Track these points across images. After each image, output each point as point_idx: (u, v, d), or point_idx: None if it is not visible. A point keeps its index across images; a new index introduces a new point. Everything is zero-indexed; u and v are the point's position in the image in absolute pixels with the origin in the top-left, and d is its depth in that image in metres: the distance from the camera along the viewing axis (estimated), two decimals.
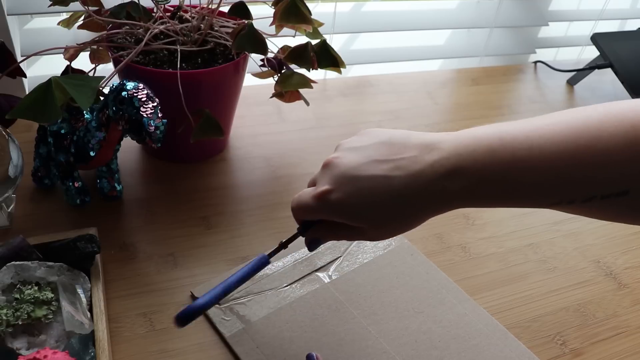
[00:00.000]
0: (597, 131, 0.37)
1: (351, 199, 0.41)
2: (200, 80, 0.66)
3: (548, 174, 0.37)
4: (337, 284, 0.60)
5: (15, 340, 0.48)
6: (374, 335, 0.56)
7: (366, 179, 0.41)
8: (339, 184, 0.42)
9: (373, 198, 0.41)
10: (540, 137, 0.38)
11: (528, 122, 0.39)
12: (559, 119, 0.39)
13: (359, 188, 0.41)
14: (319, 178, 0.44)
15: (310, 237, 0.48)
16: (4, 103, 0.60)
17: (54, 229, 0.60)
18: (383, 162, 0.41)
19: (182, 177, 0.73)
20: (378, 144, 0.42)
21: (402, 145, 0.41)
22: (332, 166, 0.43)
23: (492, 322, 0.58)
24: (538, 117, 0.40)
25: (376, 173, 0.41)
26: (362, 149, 0.43)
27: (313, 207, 0.44)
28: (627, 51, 1.03)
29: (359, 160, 0.42)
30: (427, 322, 0.57)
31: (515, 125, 0.39)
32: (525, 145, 0.38)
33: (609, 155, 0.36)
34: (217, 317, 0.56)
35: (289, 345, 0.54)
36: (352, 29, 1.01)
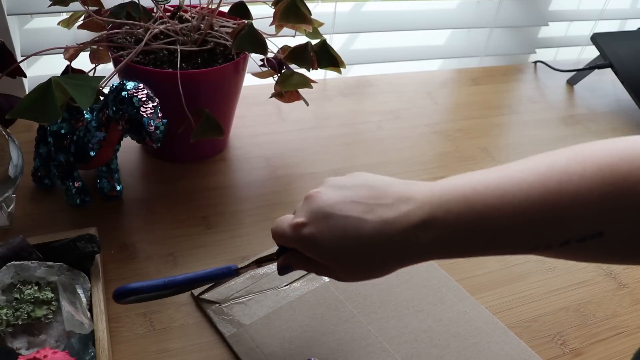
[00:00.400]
0: (566, 174, 0.37)
1: (322, 235, 0.41)
2: (200, 80, 0.66)
3: (521, 221, 0.37)
4: (336, 282, 0.60)
5: (15, 340, 0.48)
6: (374, 334, 0.56)
7: (339, 218, 0.41)
8: (313, 219, 0.42)
9: (342, 238, 0.40)
10: (511, 184, 0.38)
11: (500, 170, 0.39)
12: (528, 165, 0.39)
13: (330, 226, 0.41)
14: (299, 209, 0.44)
15: (282, 262, 0.48)
16: (4, 103, 0.60)
17: (54, 229, 0.60)
18: (359, 204, 0.41)
19: (182, 177, 0.73)
20: (360, 186, 0.42)
21: (382, 191, 0.41)
22: (311, 200, 0.43)
23: (492, 320, 0.58)
24: (509, 164, 0.40)
25: (350, 214, 0.40)
26: (344, 189, 0.43)
27: (287, 236, 0.44)
28: (627, 51, 1.03)
29: (336, 199, 0.42)
30: (427, 320, 0.57)
31: (488, 174, 0.39)
32: (498, 193, 0.38)
33: (579, 198, 0.36)
34: (216, 316, 0.56)
35: (289, 345, 0.54)
36: (352, 29, 1.01)
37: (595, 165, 0.37)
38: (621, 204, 0.36)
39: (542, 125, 0.96)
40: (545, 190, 0.37)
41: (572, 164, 0.37)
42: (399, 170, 0.79)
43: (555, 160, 0.38)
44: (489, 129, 0.92)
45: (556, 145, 0.90)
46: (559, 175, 0.37)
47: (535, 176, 0.37)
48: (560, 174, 0.37)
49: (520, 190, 0.37)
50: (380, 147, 0.84)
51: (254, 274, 0.60)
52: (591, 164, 0.37)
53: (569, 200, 0.36)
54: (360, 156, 0.82)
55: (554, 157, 0.39)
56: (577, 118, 0.99)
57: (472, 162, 0.83)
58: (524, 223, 0.37)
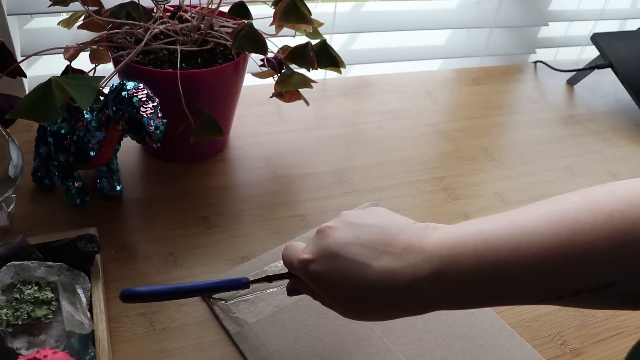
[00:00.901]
0: (579, 224, 0.36)
1: (327, 275, 0.41)
2: (200, 80, 0.66)
3: (533, 273, 0.36)
4: None
5: (15, 340, 0.48)
6: (378, 334, 0.56)
7: (346, 260, 0.40)
8: (320, 257, 0.42)
9: (347, 282, 0.40)
10: (524, 236, 0.37)
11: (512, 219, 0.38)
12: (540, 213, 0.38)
13: (336, 267, 0.40)
14: (310, 242, 0.44)
15: (290, 286, 0.48)
16: (4, 103, 0.60)
17: (54, 229, 0.60)
18: (367, 248, 0.40)
19: (182, 177, 0.73)
20: (372, 226, 0.42)
21: (393, 237, 0.40)
22: (322, 236, 0.43)
23: (498, 322, 0.58)
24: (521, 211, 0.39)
25: (356, 258, 0.40)
26: (356, 227, 0.42)
27: (295, 268, 0.44)
28: (627, 51, 1.03)
29: (347, 240, 0.41)
30: (432, 320, 0.57)
31: (500, 223, 0.38)
32: (511, 245, 0.37)
33: (592, 249, 0.35)
34: (223, 313, 0.56)
35: (293, 344, 0.54)
36: (352, 29, 1.01)
37: (606, 212, 0.36)
38: (633, 251, 0.35)
39: (542, 125, 0.96)
40: (558, 242, 0.36)
41: (583, 212, 0.36)
42: (399, 170, 0.80)
43: (567, 208, 0.37)
44: (489, 129, 0.92)
45: (556, 145, 0.90)
46: (572, 225, 0.36)
47: (548, 226, 0.36)
48: (573, 224, 0.36)
49: (534, 242, 0.36)
50: (380, 147, 0.84)
51: (260, 272, 0.60)
52: (602, 211, 0.36)
53: (582, 250, 0.35)
54: (360, 156, 0.82)
55: (565, 204, 0.38)
56: (577, 118, 0.99)
57: (472, 162, 0.83)
58: (536, 275, 0.36)
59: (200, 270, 0.61)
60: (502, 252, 0.37)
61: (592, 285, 0.36)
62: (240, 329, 0.55)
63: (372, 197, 0.74)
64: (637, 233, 0.35)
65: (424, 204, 0.74)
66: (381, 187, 0.76)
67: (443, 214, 0.73)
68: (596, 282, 0.36)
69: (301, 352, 0.53)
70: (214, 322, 0.56)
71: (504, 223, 0.38)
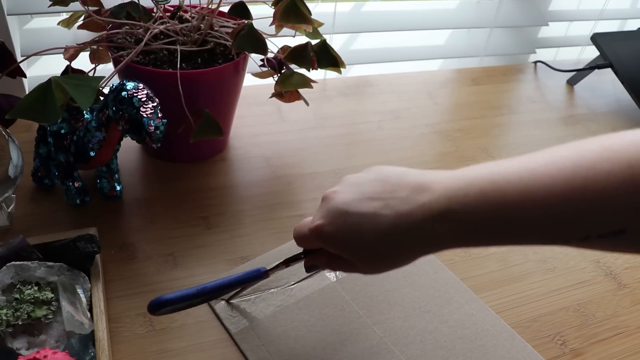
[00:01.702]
0: (593, 170, 0.36)
1: (341, 233, 0.42)
2: (200, 80, 0.66)
3: (540, 217, 0.37)
4: (343, 283, 0.60)
5: (15, 340, 0.48)
6: (379, 334, 0.56)
7: (356, 215, 0.41)
8: (331, 218, 0.43)
9: (361, 235, 0.41)
10: (534, 180, 0.37)
11: (521, 162, 0.39)
12: (554, 158, 0.38)
13: (349, 224, 0.42)
14: (317, 211, 0.45)
15: (308, 263, 0.49)
16: (4, 103, 0.60)
17: (54, 229, 0.60)
18: (374, 200, 0.41)
19: (182, 177, 0.73)
20: (374, 180, 0.43)
21: (396, 184, 0.41)
22: (328, 200, 0.44)
23: (499, 323, 0.58)
24: (532, 156, 0.39)
25: (366, 211, 0.41)
26: (359, 185, 0.43)
27: (309, 238, 0.45)
28: (627, 51, 1.03)
29: (352, 197, 0.42)
30: (434, 321, 0.57)
31: (509, 165, 0.39)
32: (519, 188, 0.37)
33: (604, 196, 0.35)
34: (223, 312, 0.56)
35: (294, 344, 0.54)
36: (352, 29, 1.01)
37: (625, 162, 0.35)
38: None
39: (542, 125, 0.96)
40: (568, 187, 0.36)
41: (600, 160, 0.36)
42: None
43: (583, 154, 0.37)
44: (489, 129, 0.92)
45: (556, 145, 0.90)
46: (585, 172, 0.36)
47: (560, 172, 0.36)
48: (587, 171, 0.36)
49: (543, 186, 0.36)
50: (380, 147, 0.84)
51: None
52: (620, 160, 0.35)
53: (593, 197, 0.35)
54: (360, 156, 0.82)
55: (582, 150, 0.37)
56: (577, 118, 0.99)
57: (472, 162, 0.83)
58: (543, 219, 0.37)
59: (200, 270, 0.61)
60: (510, 195, 0.37)
61: (602, 231, 0.36)
62: (241, 329, 0.55)
63: None
64: None
65: None
66: None
67: None
68: (606, 228, 0.36)
69: (302, 352, 0.53)
70: (214, 322, 0.56)
71: (514, 166, 0.38)
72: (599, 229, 0.36)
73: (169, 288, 0.59)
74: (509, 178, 0.37)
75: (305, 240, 0.46)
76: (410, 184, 0.41)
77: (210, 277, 0.60)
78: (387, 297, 0.59)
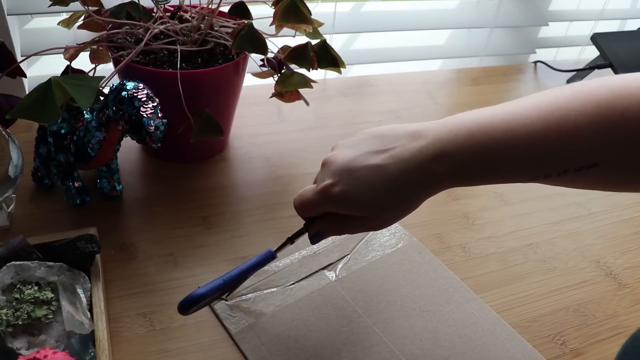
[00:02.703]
0: (566, 110, 0.40)
1: (351, 188, 0.44)
2: (200, 80, 0.66)
3: (522, 153, 0.41)
4: (343, 282, 0.61)
5: (15, 340, 0.48)
6: (379, 334, 0.56)
7: (363, 169, 0.44)
8: (338, 177, 0.45)
9: (370, 185, 0.43)
10: (514, 120, 0.41)
11: (504, 107, 0.43)
12: (531, 102, 0.42)
13: (356, 178, 0.44)
14: (319, 176, 0.47)
15: (313, 230, 0.50)
16: (4, 103, 0.60)
17: (54, 229, 0.60)
18: (376, 153, 0.44)
19: (182, 177, 0.73)
20: (370, 138, 0.46)
21: (392, 136, 0.45)
22: (329, 163, 0.46)
23: (499, 322, 0.58)
24: (513, 101, 0.43)
25: (371, 163, 0.44)
26: (356, 145, 0.46)
27: (316, 202, 0.46)
28: (627, 51, 1.03)
29: (354, 154, 0.45)
30: (433, 321, 0.57)
31: (492, 110, 0.43)
32: (501, 128, 0.41)
33: (577, 133, 0.40)
34: (223, 312, 0.56)
35: (294, 343, 0.54)
36: (352, 29, 1.01)
37: (595, 102, 0.40)
38: (616, 137, 0.39)
39: None
40: (545, 126, 0.40)
41: (572, 102, 0.40)
42: None
43: (557, 97, 0.42)
44: None
45: None
46: (559, 112, 0.40)
47: (537, 113, 0.41)
48: (561, 111, 0.40)
49: (523, 125, 0.41)
50: None
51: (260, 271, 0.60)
52: (590, 101, 0.40)
53: (568, 134, 0.40)
54: None
55: (556, 94, 0.42)
56: None
57: None
58: (525, 155, 0.41)
59: (200, 270, 0.61)
60: (495, 134, 0.41)
61: (578, 165, 0.41)
62: (241, 329, 0.55)
63: None
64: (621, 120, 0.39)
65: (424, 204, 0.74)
66: None
67: (443, 214, 0.73)
68: (581, 162, 0.41)
69: (302, 351, 0.54)
70: (214, 322, 0.56)
71: (497, 110, 0.43)
72: (575, 163, 0.41)
73: (169, 288, 0.59)
74: (493, 121, 0.42)
75: (311, 205, 0.47)
76: (405, 134, 0.44)
77: (211, 277, 0.60)
78: (387, 297, 0.59)
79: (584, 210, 0.77)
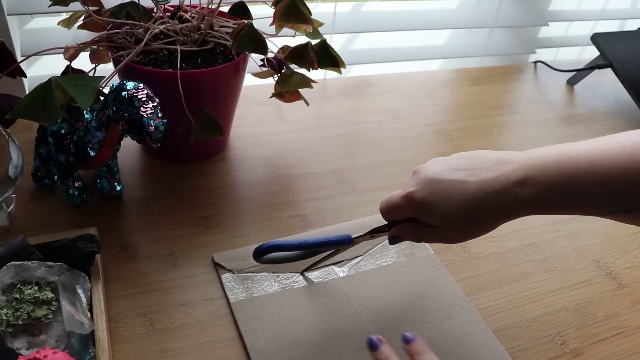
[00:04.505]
0: None
1: (432, 197, 0.47)
2: (200, 80, 0.66)
3: (606, 185, 0.43)
4: (349, 279, 0.61)
5: (15, 340, 0.48)
6: (370, 333, 0.55)
7: (445, 182, 0.47)
8: (422, 185, 0.48)
9: (450, 198, 0.46)
10: (600, 154, 0.44)
11: (589, 142, 0.46)
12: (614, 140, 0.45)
13: (438, 189, 0.47)
14: (408, 183, 0.51)
15: (394, 233, 0.53)
16: (4, 103, 0.60)
17: (54, 229, 0.60)
18: (461, 171, 0.47)
19: (182, 177, 0.73)
20: (459, 157, 0.49)
21: (480, 159, 0.48)
22: (418, 172, 0.50)
23: (498, 349, 0.56)
24: (598, 139, 0.46)
25: (454, 178, 0.47)
26: (446, 161, 0.49)
27: (400, 206, 0.50)
28: (627, 51, 1.03)
29: (441, 168, 0.48)
30: (429, 332, 0.57)
31: (579, 144, 0.46)
32: (588, 160, 0.44)
33: None
34: (228, 282, 0.59)
35: (286, 323, 0.56)
36: (352, 29, 1.01)
37: None
38: None
39: (542, 125, 0.96)
40: (631, 161, 0.43)
41: None
42: (399, 171, 0.79)
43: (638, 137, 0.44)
44: (489, 129, 0.92)
45: None
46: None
47: (621, 149, 0.44)
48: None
49: (608, 159, 0.44)
50: (380, 147, 0.84)
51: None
52: None
53: None
54: (360, 156, 0.82)
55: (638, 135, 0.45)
56: (577, 118, 0.99)
57: None
58: (608, 187, 0.43)
59: (200, 270, 0.61)
60: (581, 165, 0.44)
61: None
62: (240, 300, 0.57)
63: (372, 197, 0.74)
64: None
65: None
66: (381, 187, 0.76)
67: None
68: None
69: (292, 332, 0.55)
70: (214, 322, 0.56)
71: (582, 144, 0.46)
72: None
73: (169, 288, 0.59)
74: (579, 152, 0.45)
75: (395, 209, 0.51)
76: (493, 159, 0.47)
77: (211, 276, 0.60)
78: (389, 301, 0.59)
79: None
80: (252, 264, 0.60)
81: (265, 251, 0.55)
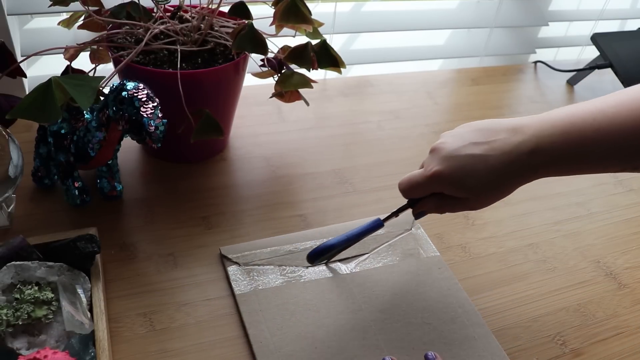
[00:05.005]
0: None
1: (457, 173, 0.51)
2: (200, 80, 0.66)
3: (612, 149, 0.47)
4: (355, 276, 0.61)
5: (15, 340, 0.48)
6: (373, 330, 0.56)
7: (468, 157, 0.51)
8: (447, 163, 0.51)
9: (474, 172, 0.50)
10: (606, 120, 0.47)
11: (596, 104, 0.49)
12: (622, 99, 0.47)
13: (462, 165, 0.51)
14: (428, 161, 0.54)
15: (419, 209, 0.57)
16: (4, 103, 0.60)
17: (54, 229, 0.60)
18: (480, 145, 0.51)
19: (182, 177, 0.73)
20: (474, 130, 0.52)
21: (493, 130, 0.51)
22: (438, 150, 0.53)
23: (500, 354, 0.56)
24: (606, 99, 0.49)
25: (475, 153, 0.51)
26: (461, 135, 0.52)
27: (424, 184, 0.53)
28: (627, 51, 1.03)
29: (460, 144, 0.52)
30: (431, 334, 0.57)
31: (585, 107, 0.49)
32: (594, 126, 0.47)
33: None
34: (234, 275, 0.59)
35: (290, 316, 0.56)
36: (352, 29, 1.01)
37: None
38: None
39: None
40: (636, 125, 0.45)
41: None
42: (399, 171, 0.79)
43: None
44: None
45: None
46: None
47: (628, 112, 0.46)
48: None
49: (614, 124, 0.46)
50: (380, 147, 0.84)
51: (277, 249, 0.63)
52: None
53: None
54: (360, 156, 0.82)
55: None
56: None
57: None
58: (615, 150, 0.47)
59: (200, 270, 0.61)
60: (587, 133, 0.47)
61: None
62: (245, 292, 0.58)
63: (372, 197, 0.74)
64: None
65: None
66: (381, 187, 0.76)
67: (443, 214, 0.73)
68: None
69: (295, 325, 0.55)
70: (214, 322, 0.56)
71: (589, 107, 0.49)
72: None
73: (169, 288, 0.59)
74: (585, 118, 0.48)
75: (418, 187, 0.54)
76: (505, 129, 0.51)
77: (211, 277, 0.60)
78: (393, 300, 0.59)
79: (584, 210, 0.77)
80: (259, 257, 0.61)
81: (320, 254, 0.60)
